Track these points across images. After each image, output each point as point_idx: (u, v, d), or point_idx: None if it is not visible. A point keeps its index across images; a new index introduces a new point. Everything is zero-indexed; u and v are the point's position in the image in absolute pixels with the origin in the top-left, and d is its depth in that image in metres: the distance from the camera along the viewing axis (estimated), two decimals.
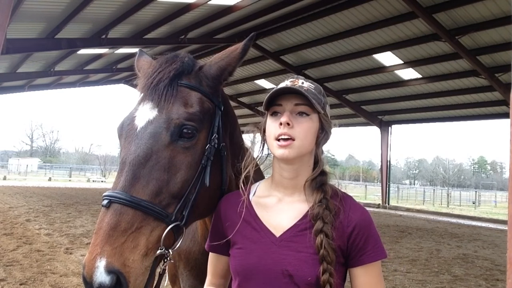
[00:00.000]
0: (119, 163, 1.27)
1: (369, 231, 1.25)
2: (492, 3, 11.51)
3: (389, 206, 23.56)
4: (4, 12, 6.34)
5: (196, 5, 12.68)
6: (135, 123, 1.30)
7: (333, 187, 1.30)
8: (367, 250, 1.22)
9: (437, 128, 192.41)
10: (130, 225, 1.13)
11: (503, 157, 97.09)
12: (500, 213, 24.50)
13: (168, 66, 1.37)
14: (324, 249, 1.16)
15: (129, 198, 1.15)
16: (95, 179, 42.63)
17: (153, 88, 1.32)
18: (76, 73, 21.49)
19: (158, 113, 1.29)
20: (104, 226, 1.12)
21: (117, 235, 1.11)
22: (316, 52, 17.21)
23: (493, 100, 17.36)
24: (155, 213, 1.18)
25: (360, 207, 1.30)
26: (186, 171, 1.28)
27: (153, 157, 1.23)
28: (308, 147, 1.27)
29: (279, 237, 1.24)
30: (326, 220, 1.20)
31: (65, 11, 12.20)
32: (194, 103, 1.34)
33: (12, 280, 5.61)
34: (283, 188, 1.32)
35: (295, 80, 1.32)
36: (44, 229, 9.67)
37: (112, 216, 1.13)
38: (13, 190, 20.93)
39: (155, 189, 1.20)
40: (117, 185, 1.19)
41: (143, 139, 1.25)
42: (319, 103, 1.27)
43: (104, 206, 1.16)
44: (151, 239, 1.17)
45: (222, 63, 1.45)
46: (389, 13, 13.21)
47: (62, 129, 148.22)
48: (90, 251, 1.11)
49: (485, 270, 8.15)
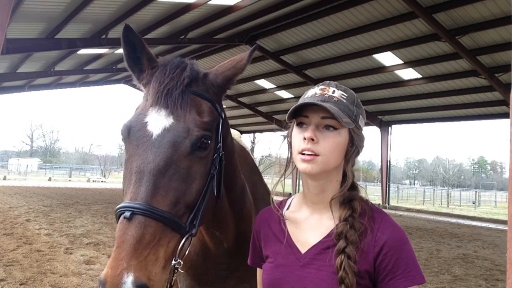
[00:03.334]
0: (134, 171, 1.20)
1: (400, 252, 1.14)
2: (492, 3, 11.51)
3: (389, 206, 23.56)
4: (4, 12, 6.33)
5: (196, 5, 12.68)
6: (148, 129, 1.26)
7: (363, 203, 1.23)
8: (397, 274, 1.12)
9: (437, 128, 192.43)
10: (153, 237, 1.11)
11: (503, 157, 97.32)
12: (500, 213, 24.52)
13: (180, 72, 1.35)
14: (343, 271, 1.10)
15: (152, 209, 1.12)
16: (95, 179, 42.61)
17: (167, 95, 1.30)
18: (76, 73, 21.50)
19: (175, 121, 1.26)
20: (128, 239, 1.08)
21: (142, 248, 1.08)
22: (316, 52, 17.21)
23: (493, 100, 17.37)
24: (175, 224, 1.17)
25: (392, 225, 1.20)
26: (200, 181, 1.28)
27: (172, 167, 1.21)
28: (334, 163, 1.21)
29: (303, 254, 1.22)
30: (350, 240, 1.13)
31: (65, 11, 12.21)
32: (206, 112, 1.34)
33: (12, 280, 5.61)
34: (311, 203, 1.29)
35: (325, 88, 1.24)
36: (44, 229, 9.66)
37: (136, 228, 1.10)
38: (13, 190, 20.92)
39: (174, 199, 1.19)
40: (137, 196, 1.15)
41: (162, 147, 1.22)
42: (350, 115, 1.20)
43: (126, 218, 1.11)
44: (168, 251, 1.16)
45: (229, 73, 1.46)
46: (389, 13, 13.21)
47: (62, 129, 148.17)
48: (114, 266, 1.05)
49: (485, 270, 8.15)
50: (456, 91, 17.66)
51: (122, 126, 1.32)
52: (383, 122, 23.01)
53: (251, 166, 2.08)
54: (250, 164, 2.07)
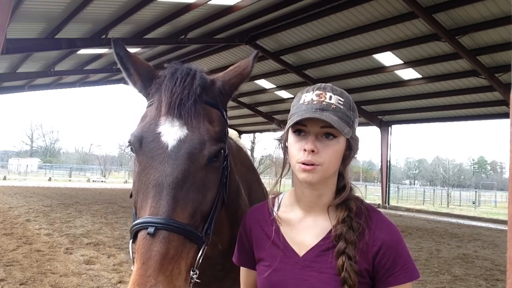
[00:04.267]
0: (152, 185, 1.19)
1: (398, 251, 1.17)
2: (492, 3, 11.51)
3: (389, 206, 23.56)
4: (4, 12, 6.34)
5: (196, 5, 12.68)
6: (162, 140, 1.25)
7: (358, 203, 1.24)
8: (395, 271, 1.16)
9: (437, 128, 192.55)
10: (177, 251, 1.13)
11: (503, 157, 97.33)
12: (500, 213, 24.51)
13: (191, 81, 1.34)
14: (346, 272, 1.12)
15: (174, 223, 1.13)
16: (95, 179, 42.58)
17: (180, 105, 1.28)
18: (76, 73, 21.50)
19: (190, 132, 1.26)
20: (154, 255, 1.08)
21: (167, 263, 1.09)
22: (316, 52, 17.21)
23: (493, 100, 17.36)
24: (194, 235, 1.17)
25: (388, 224, 1.23)
26: (214, 190, 1.30)
27: (190, 179, 1.21)
28: (333, 170, 1.21)
29: (302, 257, 1.22)
30: (349, 241, 1.15)
31: (65, 11, 12.21)
32: (217, 121, 1.35)
33: (12, 280, 5.61)
34: (305, 206, 1.28)
35: (322, 94, 1.21)
36: (44, 229, 9.66)
37: (161, 244, 1.10)
38: (13, 190, 20.92)
39: (192, 210, 1.20)
40: (158, 210, 1.14)
41: (179, 159, 1.21)
42: (347, 121, 1.18)
43: (150, 234, 1.11)
44: (188, 262, 1.17)
45: (236, 80, 1.48)
46: (389, 13, 13.21)
47: (62, 129, 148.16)
48: (142, 283, 1.05)
49: (485, 270, 8.15)
50: (456, 91, 17.66)
51: (131, 136, 1.30)
52: (383, 122, 23.01)
53: (247, 167, 2.07)
54: (246, 165, 2.07)
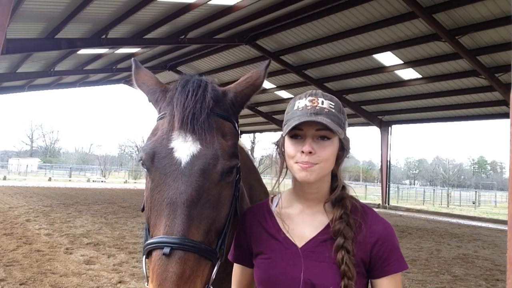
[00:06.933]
0: (166, 203, 1.17)
1: (393, 243, 1.28)
2: (492, 3, 11.51)
3: (389, 206, 23.58)
4: (4, 12, 6.34)
5: (196, 5, 12.68)
6: (175, 156, 1.22)
7: (352, 201, 1.32)
8: (391, 260, 1.25)
9: (437, 128, 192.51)
10: (193, 271, 1.11)
11: (503, 157, 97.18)
12: (500, 213, 24.51)
13: (203, 93, 1.31)
14: (345, 265, 1.19)
15: (190, 243, 1.12)
16: (95, 179, 42.58)
17: (193, 120, 1.25)
18: (76, 73, 21.51)
19: (203, 148, 1.23)
20: (170, 277, 1.07)
21: (184, 284, 1.08)
22: (316, 52, 17.21)
23: (493, 100, 17.37)
24: (209, 253, 1.16)
25: (382, 219, 1.33)
26: (227, 205, 1.28)
27: (204, 196, 1.19)
28: (329, 168, 1.28)
29: (301, 248, 1.27)
30: (347, 236, 1.23)
31: (65, 11, 12.21)
32: (230, 134, 1.33)
33: (12, 280, 5.62)
34: (305, 201, 1.34)
35: (314, 99, 1.27)
36: (44, 229, 9.67)
37: (177, 265, 1.09)
38: (13, 190, 20.93)
39: (206, 228, 1.18)
40: (173, 229, 1.13)
41: (193, 176, 1.19)
42: (340, 124, 1.26)
43: (165, 254, 1.10)
44: (203, 280, 1.16)
45: (248, 91, 1.44)
46: (389, 13, 13.21)
47: (62, 129, 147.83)
48: None
49: (485, 270, 8.15)
50: (456, 91, 17.66)
51: (142, 152, 1.27)
52: (383, 122, 23.01)
53: (248, 168, 2.07)
54: (247, 166, 2.06)
